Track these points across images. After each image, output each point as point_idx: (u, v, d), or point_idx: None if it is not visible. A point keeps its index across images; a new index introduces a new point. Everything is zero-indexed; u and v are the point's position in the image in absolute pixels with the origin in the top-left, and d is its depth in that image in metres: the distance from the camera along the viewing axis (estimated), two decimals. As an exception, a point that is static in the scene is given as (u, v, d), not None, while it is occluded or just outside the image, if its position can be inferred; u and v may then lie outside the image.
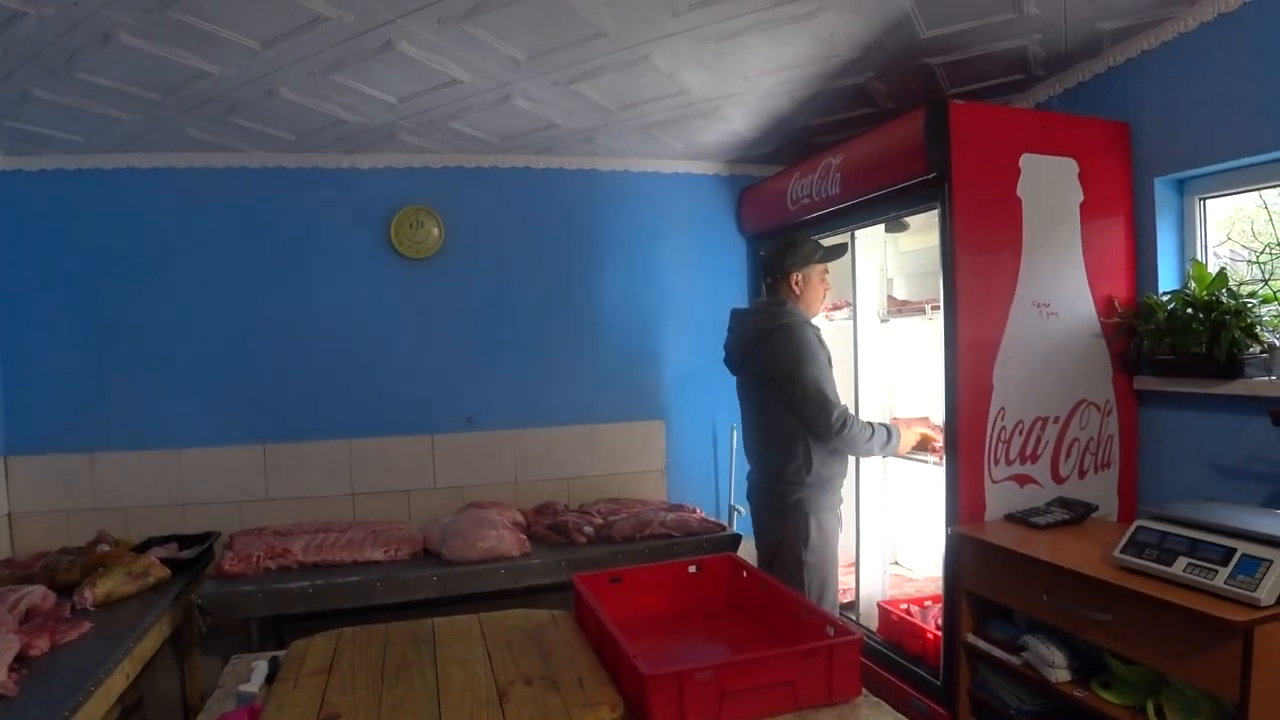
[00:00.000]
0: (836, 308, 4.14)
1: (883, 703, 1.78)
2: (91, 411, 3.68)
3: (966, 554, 2.83)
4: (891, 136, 3.13)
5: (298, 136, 3.63)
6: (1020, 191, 2.96)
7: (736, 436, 4.14)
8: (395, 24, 2.65)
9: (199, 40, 2.66)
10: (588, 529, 3.53)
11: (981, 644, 2.79)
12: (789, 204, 3.84)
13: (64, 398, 3.66)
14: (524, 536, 3.41)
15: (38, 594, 2.69)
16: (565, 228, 4.17)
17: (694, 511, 3.74)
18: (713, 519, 3.74)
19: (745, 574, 2.27)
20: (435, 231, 3.98)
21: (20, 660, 2.33)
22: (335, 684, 1.78)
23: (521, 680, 1.77)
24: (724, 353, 3.46)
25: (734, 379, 4.30)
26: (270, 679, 1.94)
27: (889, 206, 3.28)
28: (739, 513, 4.10)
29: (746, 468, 4.30)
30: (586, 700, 1.65)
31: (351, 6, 2.52)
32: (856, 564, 3.73)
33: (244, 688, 1.89)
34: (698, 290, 4.29)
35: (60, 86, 2.94)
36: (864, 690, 1.80)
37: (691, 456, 4.30)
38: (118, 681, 2.46)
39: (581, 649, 1.93)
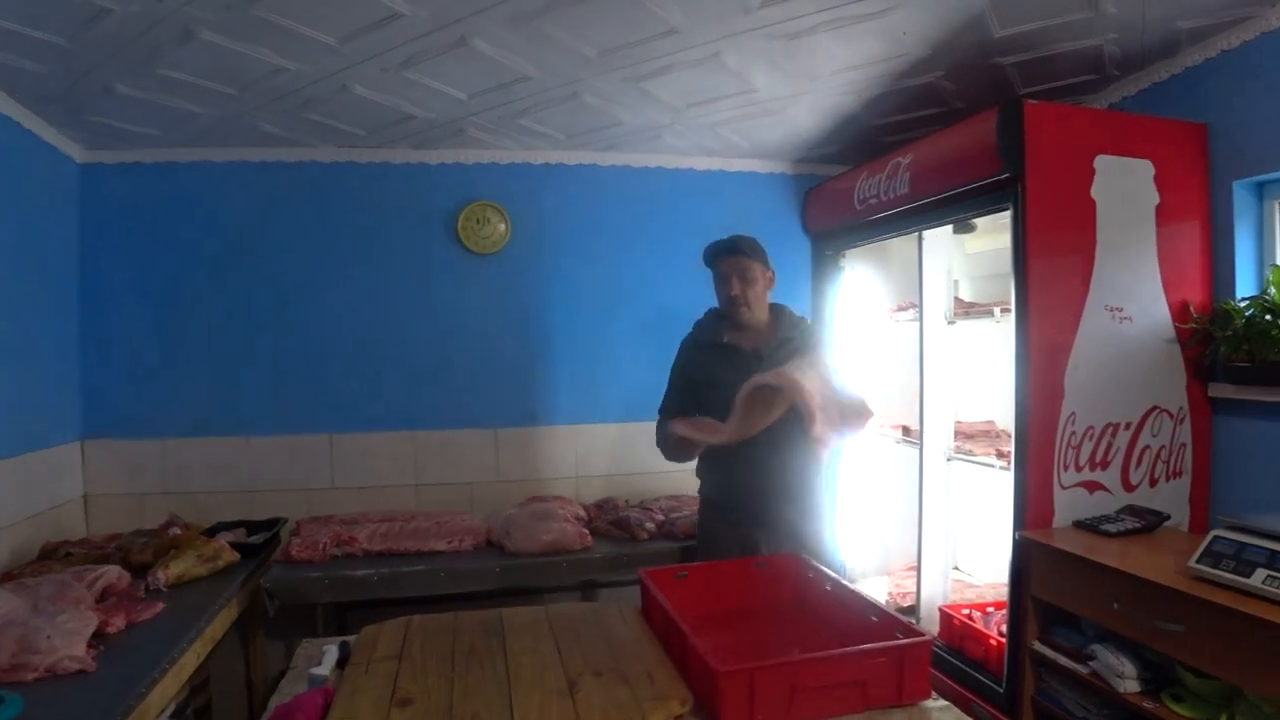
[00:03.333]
0: (901, 309, 4.10)
1: (951, 705, 1.76)
2: (164, 398, 3.78)
3: (1034, 560, 2.79)
4: (963, 136, 3.09)
5: (368, 131, 3.69)
6: (1094, 193, 2.91)
7: None
8: (468, 21, 2.68)
9: (278, 36, 2.72)
10: (649, 525, 3.53)
11: (1047, 651, 2.75)
12: (856, 203, 3.81)
13: (139, 385, 3.77)
14: (586, 530, 3.43)
15: (113, 574, 2.76)
16: (629, 225, 4.18)
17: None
18: None
19: (812, 573, 2.26)
20: (502, 227, 4.02)
21: (98, 637, 2.40)
22: (406, 670, 1.81)
23: (590, 672, 1.78)
24: None
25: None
26: (341, 663, 1.98)
27: (958, 207, 3.24)
28: None
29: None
30: (656, 694, 1.66)
31: (426, 4, 2.56)
32: (918, 568, 3.69)
33: (315, 670, 1.93)
34: (760, 289, 4.27)
35: (141, 82, 3.03)
36: (933, 692, 1.79)
37: None
38: (190, 661, 2.51)
39: (649, 643, 1.93)
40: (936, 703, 1.77)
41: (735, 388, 2.57)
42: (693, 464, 2.99)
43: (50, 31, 2.61)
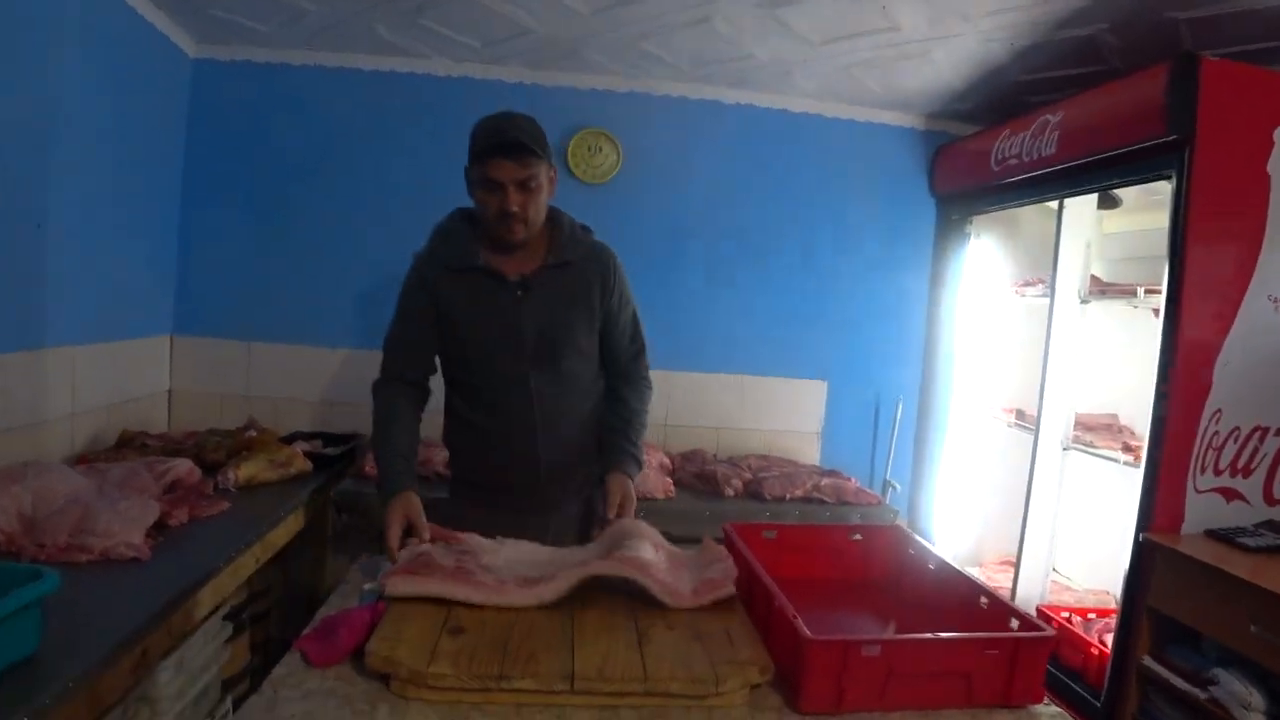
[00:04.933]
0: (1027, 284, 3.80)
1: (1066, 715, 1.54)
2: (255, 301, 3.73)
3: (1156, 567, 2.52)
4: (1127, 92, 2.79)
5: (484, 44, 3.53)
6: (1271, 168, 2.60)
7: (902, 409, 3.89)
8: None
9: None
10: (736, 482, 3.35)
11: (1159, 669, 2.49)
12: (993, 163, 3.52)
13: (231, 285, 3.72)
14: (670, 480, 3.26)
15: (184, 467, 2.70)
16: (746, 167, 3.94)
17: (849, 480, 3.50)
18: (869, 490, 3.50)
19: (913, 549, 2.04)
20: (613, 158, 3.83)
21: (159, 528, 2.33)
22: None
23: (664, 624, 1.61)
24: None
25: (907, 347, 4.04)
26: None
27: (1111, 173, 2.94)
28: (894, 488, 3.84)
29: (910, 442, 4.06)
30: (734, 656, 1.47)
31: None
32: (1017, 562, 3.43)
33: (369, 586, 1.81)
34: (877, 250, 4.01)
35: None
36: (1046, 698, 1.57)
37: (850, 423, 4.03)
38: (248, 563, 2.44)
39: (729, 601, 1.75)
40: (1049, 708, 1.55)
41: (494, 331, 2.12)
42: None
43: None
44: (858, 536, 2.10)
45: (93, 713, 1.69)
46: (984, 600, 1.73)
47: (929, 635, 1.52)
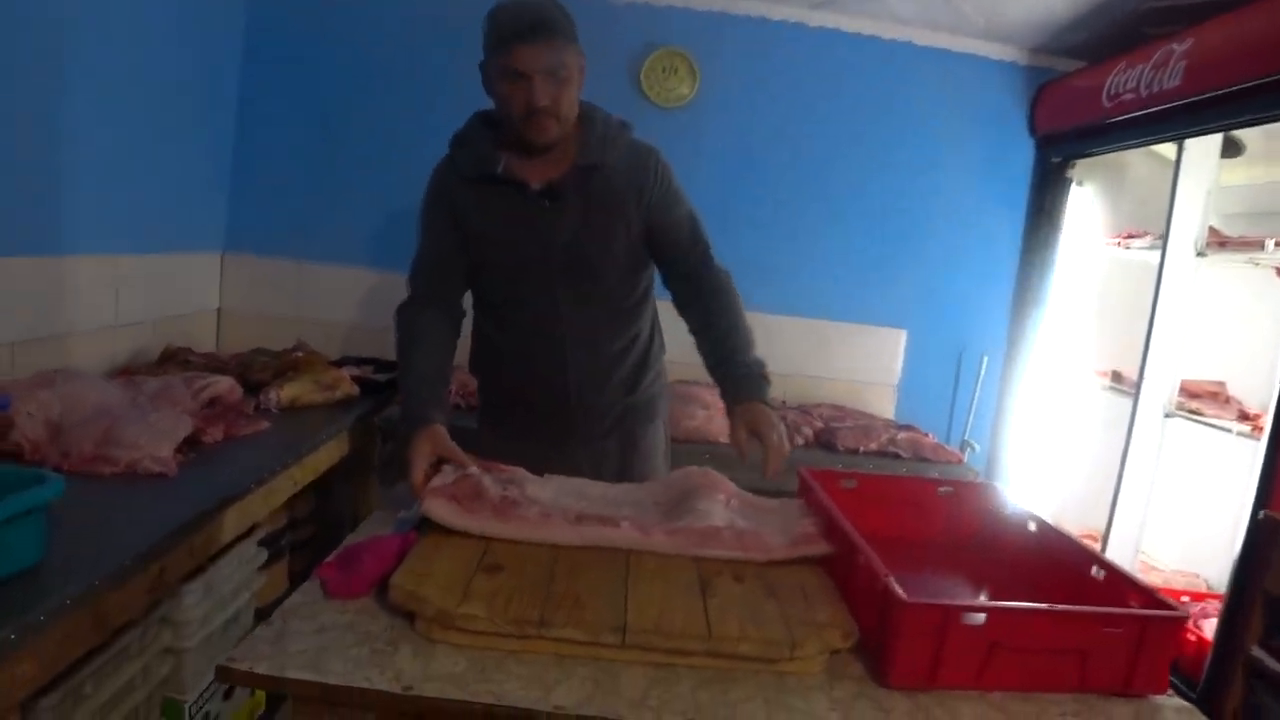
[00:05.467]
0: (1131, 236, 3.49)
1: (1196, 710, 1.32)
2: (309, 219, 3.58)
3: (1276, 548, 2.25)
4: (1271, 14, 2.47)
5: (556, -47, 3.29)
6: None
7: (986, 364, 3.61)
8: None
9: None
10: (807, 430, 3.13)
11: (1271, 661, 2.23)
12: (1104, 99, 3.20)
13: (286, 202, 3.58)
14: (734, 423, 3.05)
15: (225, 385, 2.57)
16: (831, 96, 3.65)
17: (927, 436, 3.26)
18: (948, 447, 3.25)
19: (1009, 509, 1.81)
20: (689, 81, 3.58)
21: (191, 444, 2.20)
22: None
23: (731, 575, 1.41)
24: None
25: (995, 298, 3.76)
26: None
27: (1246, 108, 2.61)
28: (973, 448, 3.58)
29: (992, 399, 3.79)
30: (811, 617, 1.27)
31: None
32: (1104, 536, 3.17)
33: (404, 514, 1.64)
34: (968, 193, 3.71)
35: None
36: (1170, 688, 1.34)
37: (929, 377, 3.76)
38: (283, 486, 2.30)
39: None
40: (1172, 700, 1.33)
41: (518, 245, 1.89)
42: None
43: None
44: (947, 490, 1.87)
45: (98, 632, 1.55)
46: (1098, 570, 1.50)
47: (1041, 606, 1.30)
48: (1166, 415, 3.10)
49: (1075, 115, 3.45)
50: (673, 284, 2.05)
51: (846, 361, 3.67)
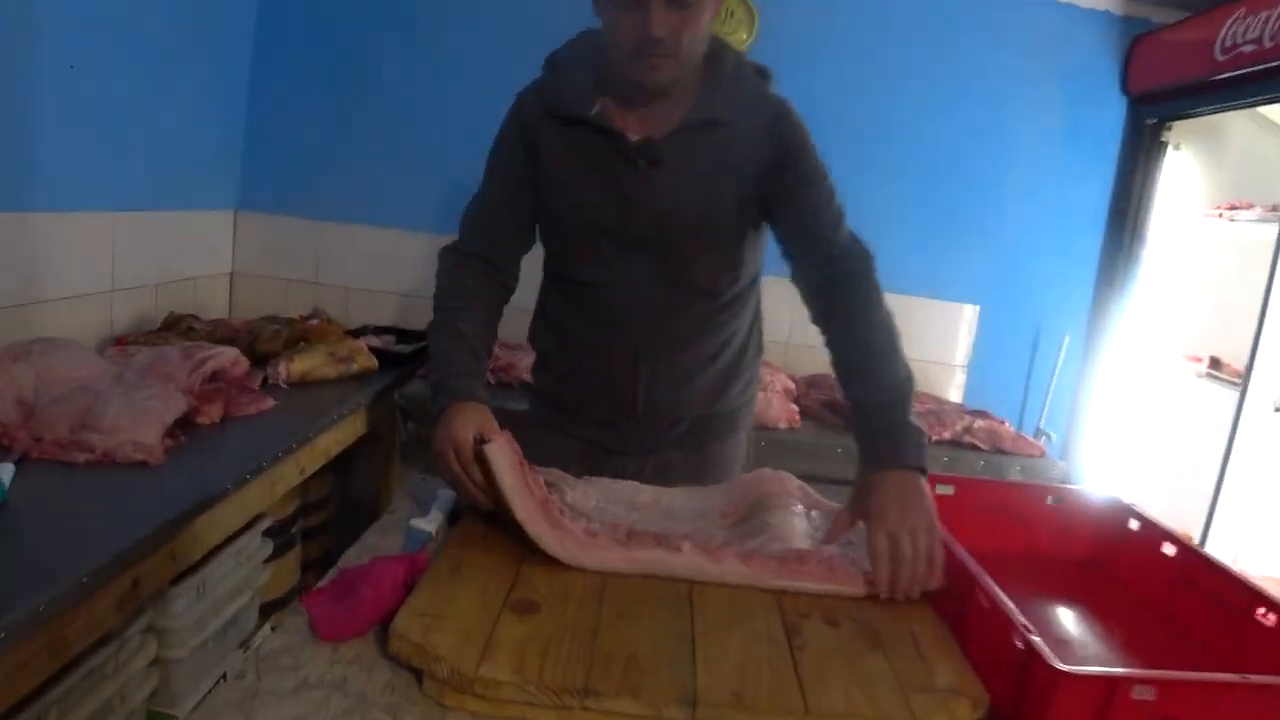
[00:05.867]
0: (1234, 208, 3.13)
1: None
2: (328, 175, 3.30)
3: None
4: None
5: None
6: None
7: (1067, 345, 3.27)
8: None
9: None
10: (870, 418, 2.82)
11: None
12: (1216, 52, 2.83)
13: (303, 157, 3.30)
14: (794, 408, 2.75)
15: (229, 357, 2.30)
16: (898, 49, 3.29)
17: (1003, 424, 2.93)
18: (1029, 438, 2.93)
19: (1137, 526, 1.50)
20: (746, 25, 3.23)
21: (184, 426, 1.93)
22: (540, 553, 1.20)
23: (821, 616, 1.11)
24: None
25: (1077, 273, 3.42)
26: (455, 517, 1.41)
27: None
28: (1049, 438, 3.23)
29: (1071, 384, 3.45)
30: (931, 681, 0.98)
31: None
32: (1201, 543, 2.85)
33: (417, 523, 1.36)
34: (1049, 156, 3.33)
35: None
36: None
37: (1002, 358, 3.40)
38: (287, 472, 2.04)
39: None
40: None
41: (600, 208, 1.53)
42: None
43: None
44: (1057, 499, 1.56)
45: (57, 659, 1.30)
46: (1266, 614, 1.20)
47: (1232, 677, 1.00)
48: (1278, 409, 2.76)
49: (1178, 70, 3.07)
50: (799, 275, 1.60)
51: (911, 338, 3.29)
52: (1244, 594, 1.24)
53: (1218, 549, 2.82)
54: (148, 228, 2.71)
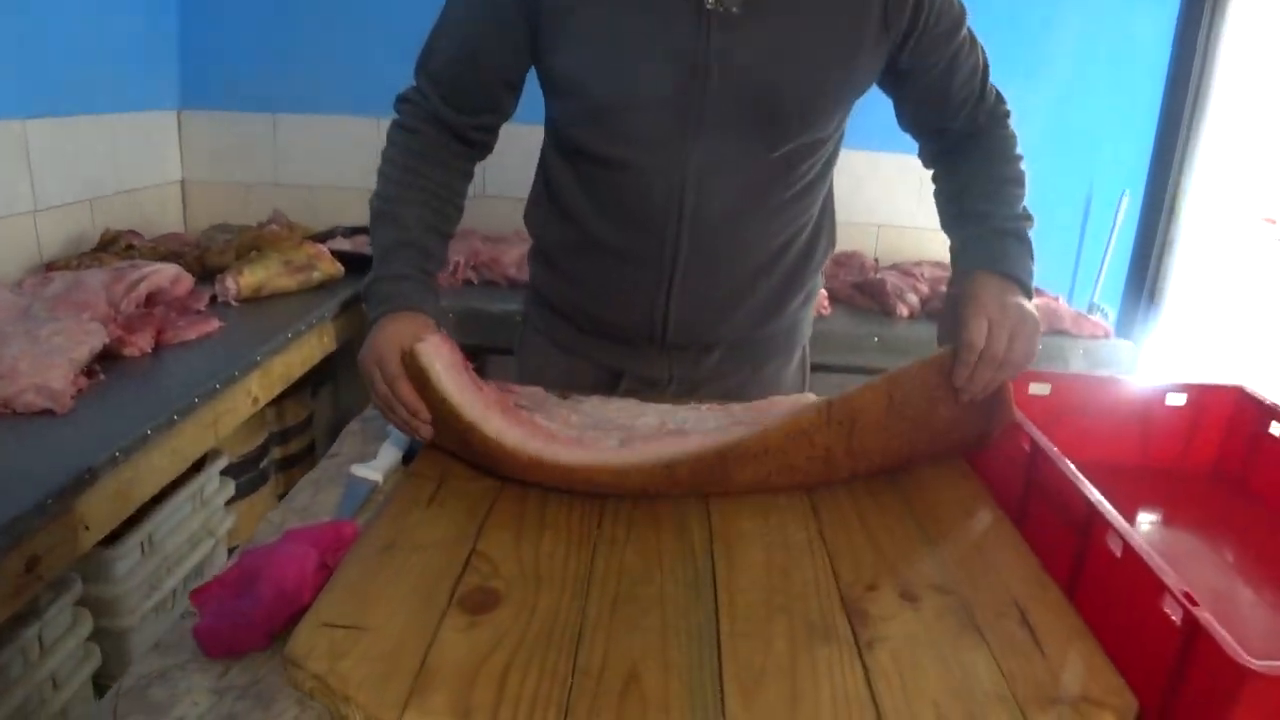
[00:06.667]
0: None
1: None
2: (277, 62, 2.86)
3: None
4: None
5: None
6: None
7: (1125, 205, 2.88)
8: None
9: None
10: (911, 297, 2.48)
11: None
12: None
13: (247, 42, 2.86)
14: (822, 291, 2.43)
15: (167, 275, 1.99)
16: None
17: (1057, 300, 2.57)
18: (1092, 318, 2.56)
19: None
20: None
21: (109, 360, 1.65)
22: (507, 510, 0.91)
23: (896, 588, 0.81)
24: None
25: (1135, 121, 2.99)
26: (409, 459, 1.12)
27: None
28: (1105, 313, 2.86)
29: (1129, 253, 3.07)
30: (1055, 688, 0.68)
31: None
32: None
33: (360, 470, 1.07)
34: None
35: None
36: None
37: (1048, 222, 2.94)
38: (236, 404, 1.74)
39: (997, 530, 0.94)
40: None
41: (647, 71, 1.10)
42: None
43: None
44: (1176, 398, 1.24)
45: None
46: None
47: None
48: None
49: None
50: (927, 146, 1.31)
51: None
52: None
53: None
54: (71, 136, 2.36)
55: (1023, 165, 1.21)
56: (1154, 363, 2.74)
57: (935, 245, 2.93)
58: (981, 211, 1.16)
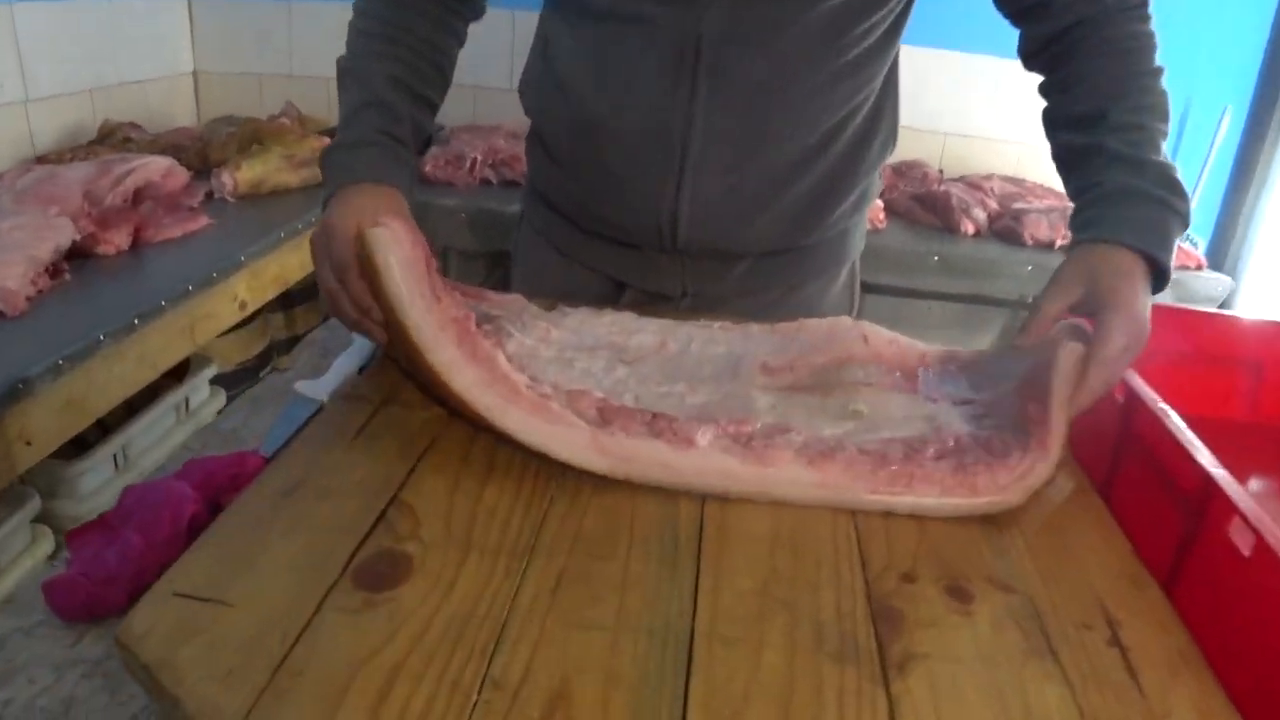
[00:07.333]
0: None
1: None
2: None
3: None
4: None
5: None
6: None
7: (1228, 122, 2.55)
8: None
9: None
10: (978, 213, 2.23)
11: None
12: None
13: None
14: (879, 203, 2.20)
15: (157, 168, 1.84)
16: None
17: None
18: (1182, 246, 2.27)
19: None
20: None
21: (80, 259, 1.50)
22: (447, 453, 0.73)
23: (937, 571, 0.62)
24: None
25: (1235, 25, 2.64)
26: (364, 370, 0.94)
27: None
28: (1194, 244, 2.56)
29: (1227, 173, 2.75)
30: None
31: None
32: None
33: (303, 388, 0.90)
34: None
35: None
36: None
37: None
38: (218, 308, 1.60)
39: (1079, 503, 0.73)
40: None
41: None
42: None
43: None
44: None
45: None
46: None
47: None
48: None
49: None
50: (1029, 31, 0.97)
51: (1020, 114, 2.64)
52: None
53: None
54: (65, 20, 2.18)
55: (1164, 82, 0.91)
56: (1253, 300, 2.46)
57: (1007, 158, 2.67)
58: (1126, 158, 0.86)
